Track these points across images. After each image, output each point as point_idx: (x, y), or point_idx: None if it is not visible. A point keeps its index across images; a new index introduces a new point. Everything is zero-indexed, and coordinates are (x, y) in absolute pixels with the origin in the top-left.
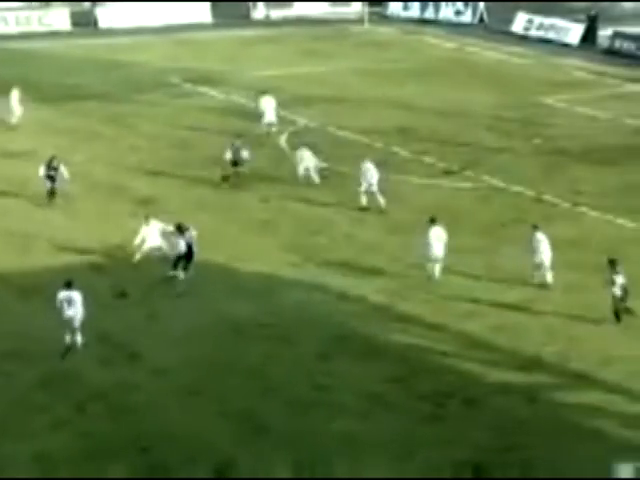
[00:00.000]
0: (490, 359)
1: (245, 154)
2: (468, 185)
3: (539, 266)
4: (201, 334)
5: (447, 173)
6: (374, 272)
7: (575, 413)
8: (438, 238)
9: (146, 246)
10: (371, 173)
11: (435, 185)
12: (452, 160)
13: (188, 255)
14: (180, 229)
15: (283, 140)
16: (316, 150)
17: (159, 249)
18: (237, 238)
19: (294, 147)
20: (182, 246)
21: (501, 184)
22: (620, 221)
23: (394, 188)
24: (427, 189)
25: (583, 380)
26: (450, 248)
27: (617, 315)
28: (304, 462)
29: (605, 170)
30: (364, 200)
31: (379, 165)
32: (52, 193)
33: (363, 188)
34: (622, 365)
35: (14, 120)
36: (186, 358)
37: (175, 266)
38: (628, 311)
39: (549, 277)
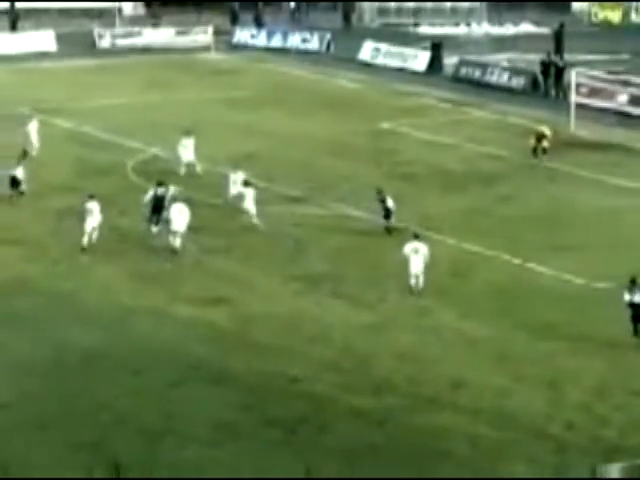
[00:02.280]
0: (340, 383)
1: (390, 203)
2: (317, 212)
3: (413, 276)
4: (46, 365)
5: (296, 200)
6: (223, 300)
7: (425, 436)
8: (415, 251)
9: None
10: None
11: (285, 212)
12: (301, 187)
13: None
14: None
15: (129, 169)
16: (167, 179)
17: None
18: (84, 266)
19: (142, 176)
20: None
21: (349, 210)
22: (466, 245)
23: (241, 217)
24: (277, 216)
25: (433, 403)
26: (299, 274)
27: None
28: None
29: (451, 195)
30: None
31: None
32: None
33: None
34: (471, 388)
35: (34, 152)
36: (31, 391)
37: (150, 220)
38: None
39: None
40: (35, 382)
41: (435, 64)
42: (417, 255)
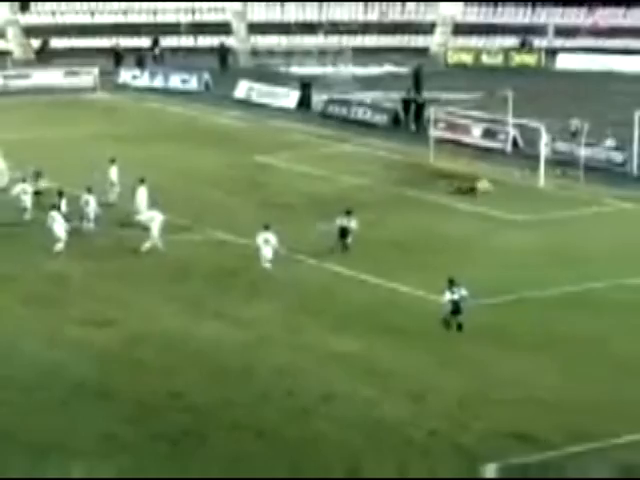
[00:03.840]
0: (220, 398)
1: (353, 224)
2: (197, 238)
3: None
4: None
5: (180, 228)
6: (109, 321)
7: (301, 444)
8: (266, 242)
9: None
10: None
11: (170, 240)
12: (183, 216)
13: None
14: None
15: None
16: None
17: None
18: None
19: (35, 207)
20: None
21: (228, 237)
22: (334, 267)
23: (131, 243)
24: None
25: (307, 414)
26: (181, 296)
27: (446, 323)
28: None
29: (321, 222)
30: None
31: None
32: None
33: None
34: (341, 400)
35: (112, 197)
36: None
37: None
38: (459, 327)
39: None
40: None
41: (305, 102)
42: (267, 245)
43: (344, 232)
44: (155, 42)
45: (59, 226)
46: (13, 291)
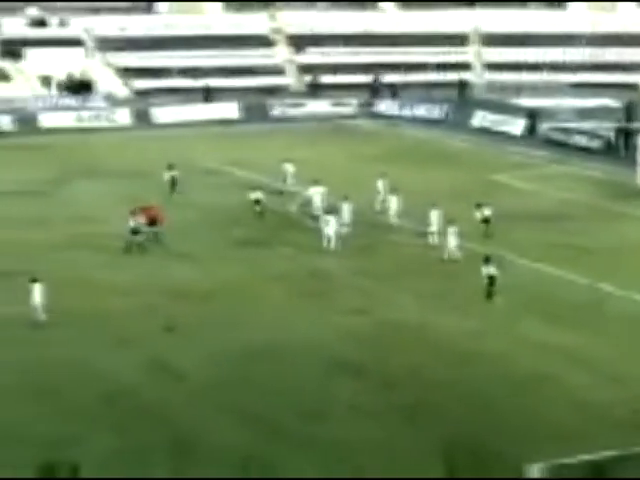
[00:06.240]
0: (450, 375)
1: (488, 212)
2: (438, 243)
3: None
4: (232, 357)
5: (422, 235)
6: (365, 311)
7: (516, 419)
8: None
9: None
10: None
11: (412, 243)
12: (425, 224)
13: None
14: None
15: (294, 207)
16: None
17: None
18: (260, 287)
19: (305, 213)
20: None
21: (462, 242)
22: (548, 269)
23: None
24: (406, 247)
25: (522, 393)
26: (424, 291)
27: (489, 295)
28: None
29: (538, 230)
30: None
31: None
32: None
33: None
34: (552, 381)
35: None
36: (224, 377)
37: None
38: (489, 295)
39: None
40: (223, 370)
41: (531, 129)
42: (453, 235)
43: (486, 220)
44: (375, 78)
45: (331, 228)
46: (288, 286)
